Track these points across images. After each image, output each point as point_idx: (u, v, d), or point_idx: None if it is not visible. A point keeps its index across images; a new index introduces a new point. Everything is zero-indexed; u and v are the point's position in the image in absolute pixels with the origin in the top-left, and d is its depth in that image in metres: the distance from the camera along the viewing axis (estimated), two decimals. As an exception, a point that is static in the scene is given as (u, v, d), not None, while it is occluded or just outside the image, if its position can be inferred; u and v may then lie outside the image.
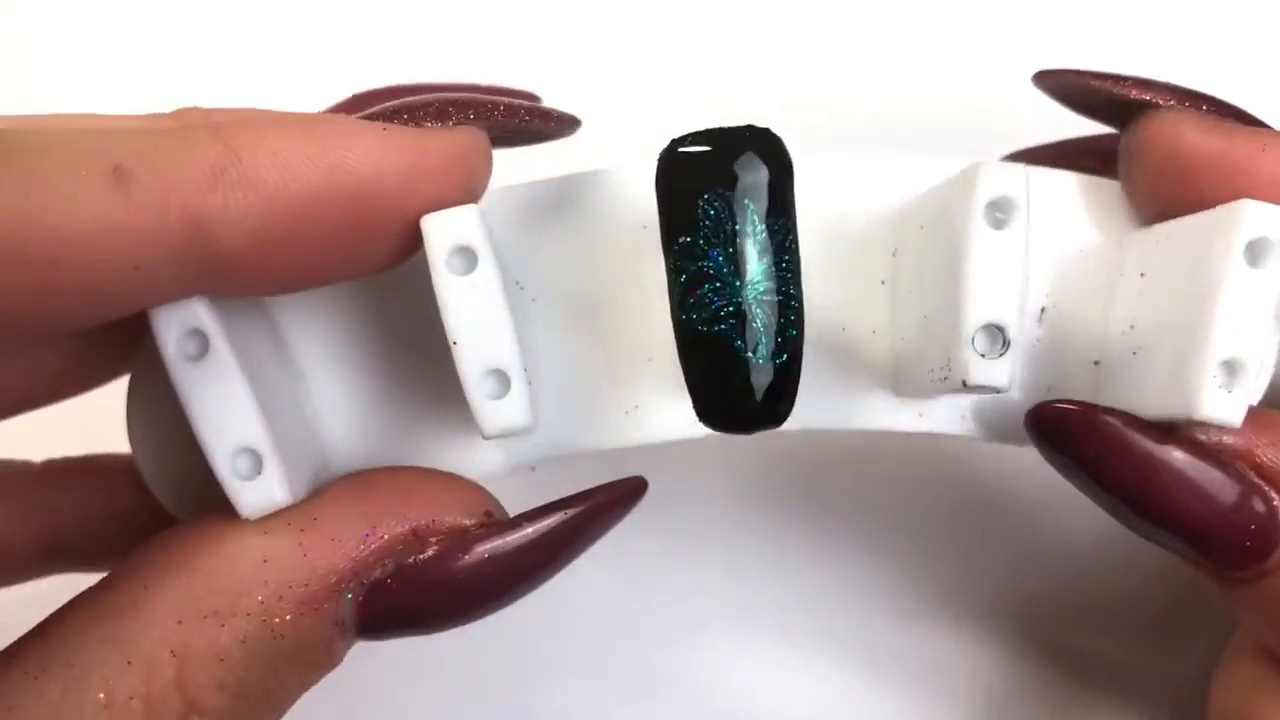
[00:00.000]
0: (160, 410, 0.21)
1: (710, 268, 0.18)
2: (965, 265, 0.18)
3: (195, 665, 0.18)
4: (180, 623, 0.18)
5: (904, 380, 0.22)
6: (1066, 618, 0.28)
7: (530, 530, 0.19)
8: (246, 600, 0.18)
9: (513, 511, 0.20)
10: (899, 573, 0.28)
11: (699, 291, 0.18)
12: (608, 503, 0.20)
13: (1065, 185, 0.23)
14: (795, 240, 0.18)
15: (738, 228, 0.18)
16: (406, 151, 0.19)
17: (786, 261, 0.18)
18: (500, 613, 0.20)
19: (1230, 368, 0.18)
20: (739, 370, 0.18)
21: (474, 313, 0.18)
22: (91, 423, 0.24)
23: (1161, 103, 0.21)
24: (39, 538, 0.23)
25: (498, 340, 0.18)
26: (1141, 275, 0.22)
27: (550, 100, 0.22)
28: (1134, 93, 0.21)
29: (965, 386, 0.19)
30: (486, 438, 0.18)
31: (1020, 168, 0.19)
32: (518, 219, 0.22)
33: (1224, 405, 0.19)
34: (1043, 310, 0.23)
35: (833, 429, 0.23)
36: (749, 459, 0.26)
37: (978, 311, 0.18)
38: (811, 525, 0.28)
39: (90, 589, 0.19)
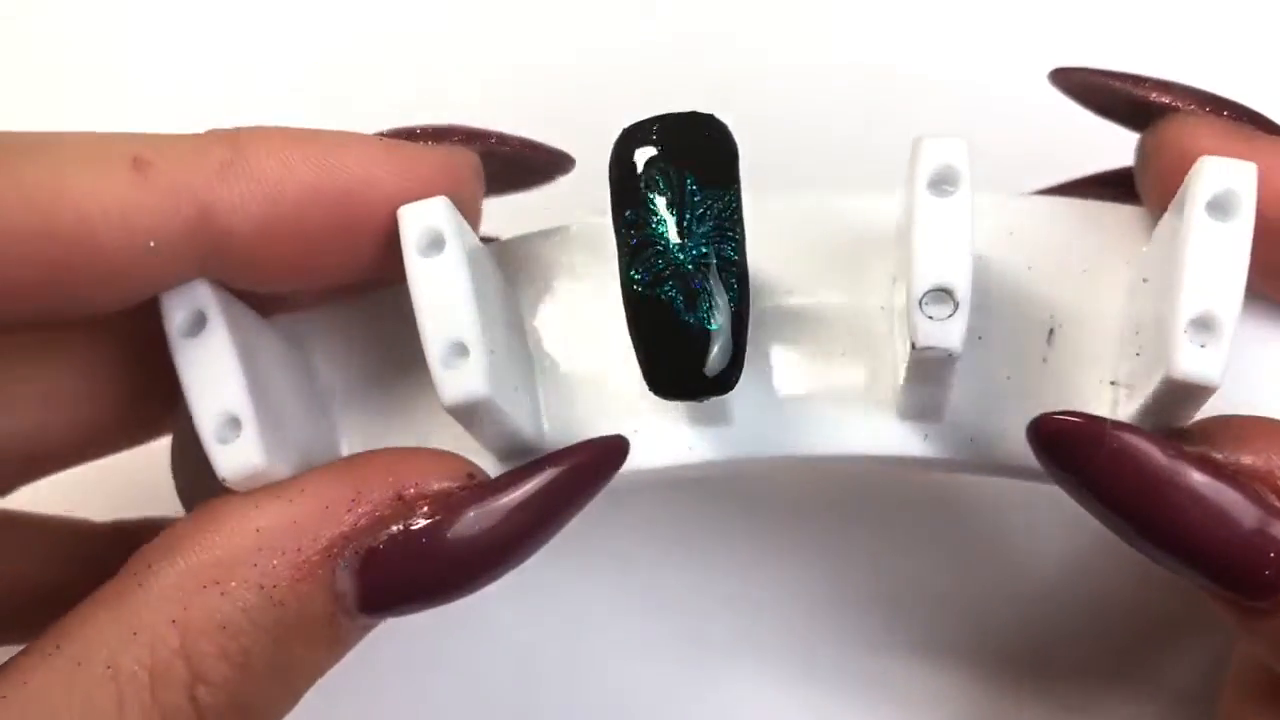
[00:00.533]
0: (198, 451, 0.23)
1: (652, 235, 0.19)
2: (913, 234, 0.19)
3: (198, 633, 0.18)
4: (182, 594, 0.18)
5: (903, 397, 0.22)
6: (1059, 650, 0.26)
7: (515, 489, 0.20)
8: (243, 569, 0.19)
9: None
10: (892, 601, 0.27)
11: (642, 256, 0.19)
12: (590, 461, 0.20)
13: (1073, 211, 0.23)
14: (737, 210, 0.19)
15: (678, 198, 0.19)
16: (399, 160, 0.21)
17: (727, 229, 0.19)
18: (495, 633, 0.20)
19: (1203, 324, 0.18)
20: (679, 331, 0.18)
21: (439, 289, 0.19)
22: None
23: (1181, 107, 0.21)
24: None
25: (459, 314, 0.19)
26: (1145, 281, 0.21)
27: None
28: (1153, 95, 0.21)
29: (915, 349, 0.18)
30: (445, 406, 0.19)
31: (961, 140, 0.19)
32: (528, 265, 0.24)
33: (1199, 361, 0.17)
34: (1051, 332, 0.22)
35: (841, 455, 0.22)
36: (740, 483, 0.25)
37: (925, 276, 0.18)
38: (801, 553, 0.28)
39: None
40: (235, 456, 0.19)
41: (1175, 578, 0.18)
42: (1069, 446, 0.19)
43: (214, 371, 0.20)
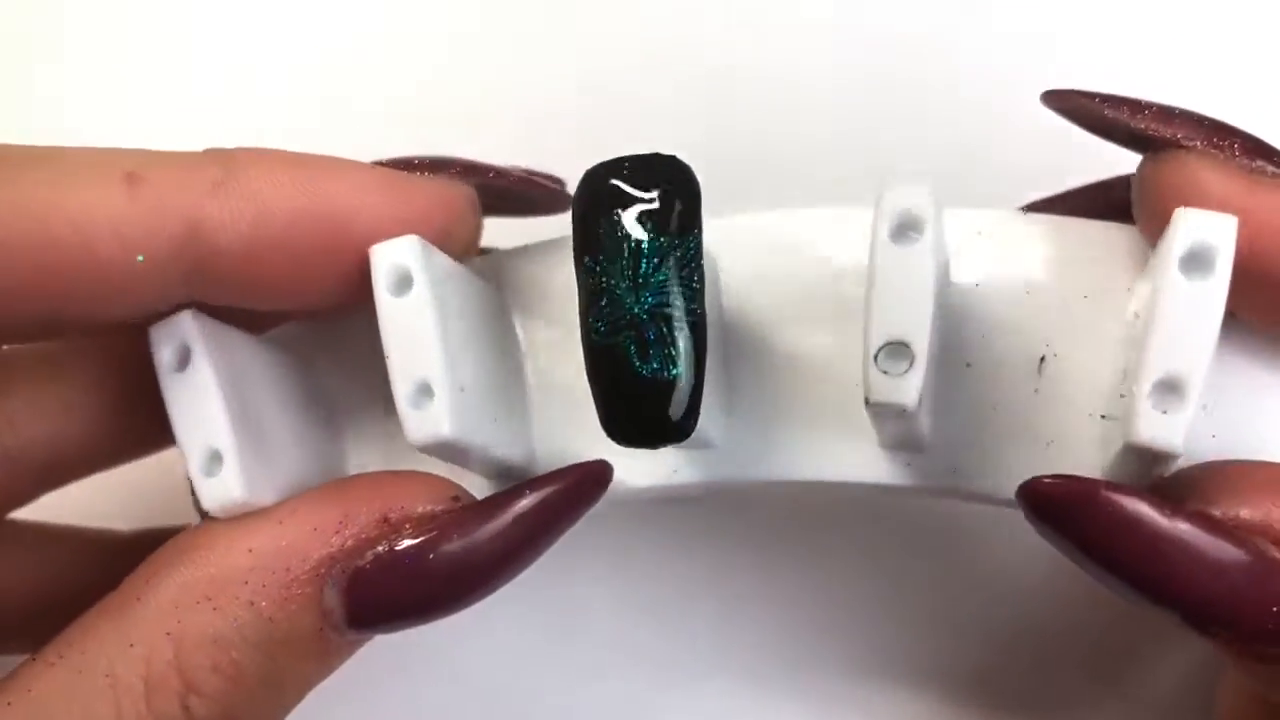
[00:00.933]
0: None
1: (610, 283, 0.19)
2: (871, 283, 0.18)
3: (191, 646, 0.19)
4: (178, 608, 0.20)
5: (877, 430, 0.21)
6: (1049, 661, 0.26)
7: (497, 513, 0.20)
8: (236, 586, 0.20)
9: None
10: (880, 612, 0.27)
11: (599, 305, 0.19)
12: (572, 485, 0.21)
13: (1077, 232, 0.22)
14: (697, 257, 0.18)
15: (636, 246, 0.18)
16: (391, 190, 0.21)
17: (684, 277, 0.18)
18: (484, 638, 0.20)
19: (1168, 387, 0.17)
20: (633, 382, 0.18)
21: (406, 330, 0.20)
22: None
23: (1183, 139, 0.20)
24: None
25: (425, 356, 0.20)
26: (1135, 316, 0.20)
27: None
28: (1153, 128, 0.20)
29: (869, 404, 0.18)
30: (412, 444, 0.20)
31: (925, 186, 0.18)
32: (524, 278, 0.24)
33: (1160, 428, 0.17)
34: (1042, 360, 0.21)
35: (823, 480, 0.22)
36: (730, 499, 0.25)
37: (880, 328, 0.18)
38: (789, 566, 0.28)
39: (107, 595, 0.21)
40: (217, 490, 0.20)
41: None
42: (1061, 512, 0.18)
43: (198, 406, 0.20)
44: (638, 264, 0.18)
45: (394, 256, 0.20)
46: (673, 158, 0.19)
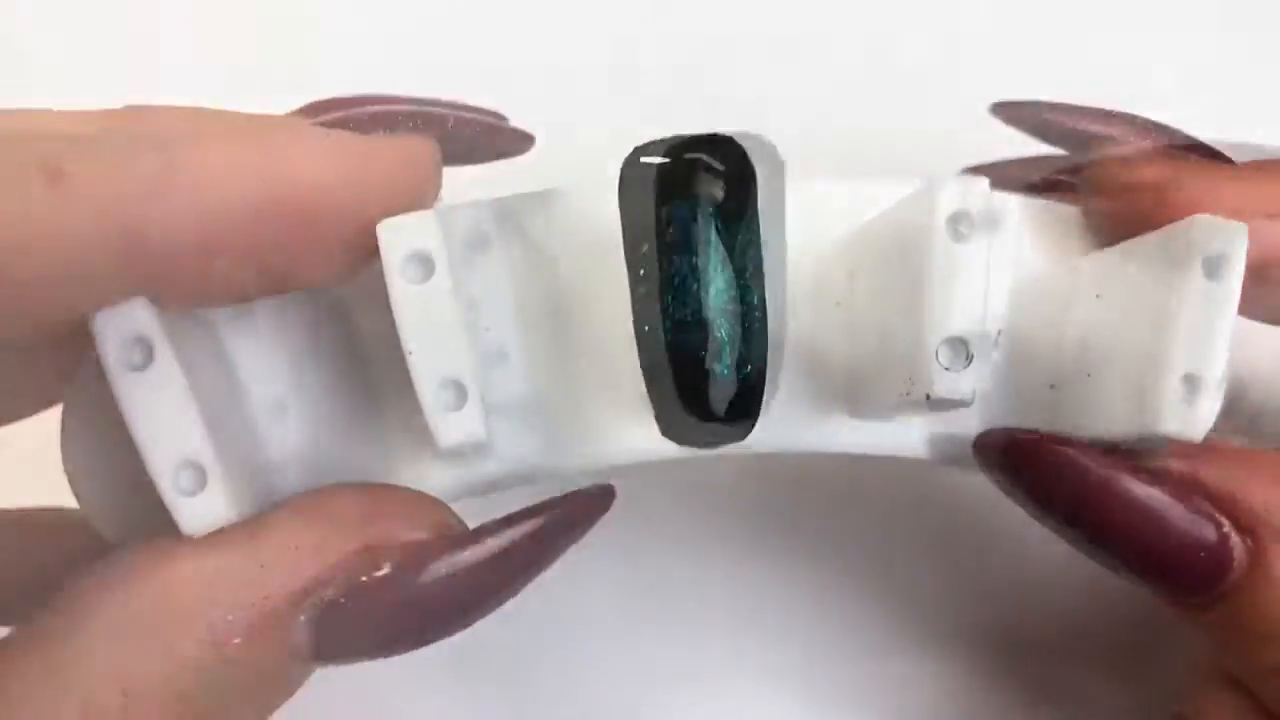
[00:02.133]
0: (99, 431, 0.21)
1: (673, 277, 0.17)
2: (928, 279, 0.18)
3: (142, 696, 0.17)
4: (123, 651, 0.17)
5: (861, 401, 0.22)
6: (1056, 653, 0.28)
7: (491, 543, 0.18)
8: (195, 624, 0.17)
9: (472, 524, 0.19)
10: (892, 603, 0.28)
11: (660, 302, 0.17)
12: (572, 513, 0.19)
13: (1021, 210, 0.23)
14: (759, 247, 0.18)
15: (700, 236, 0.17)
16: (350, 157, 0.18)
17: (751, 270, 0.18)
18: (488, 634, 0.19)
19: (1192, 382, 0.18)
20: (702, 383, 0.18)
21: (430, 322, 0.18)
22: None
23: (1119, 138, 0.21)
24: None
25: (454, 350, 0.18)
26: (1097, 297, 0.22)
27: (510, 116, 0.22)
28: (1090, 127, 0.22)
29: (929, 400, 0.18)
30: (442, 449, 0.18)
31: (983, 180, 0.19)
32: (475, 237, 0.22)
33: (1187, 419, 0.18)
34: (999, 333, 0.23)
35: (792, 451, 0.22)
36: (720, 484, 0.25)
37: (941, 324, 0.18)
38: (801, 556, 0.28)
39: (24, 624, 0.17)
40: (204, 510, 0.17)
41: None
42: (1011, 462, 0.20)
43: (167, 412, 0.17)
44: (705, 258, 0.17)
45: (411, 239, 0.18)
46: (728, 138, 0.18)
